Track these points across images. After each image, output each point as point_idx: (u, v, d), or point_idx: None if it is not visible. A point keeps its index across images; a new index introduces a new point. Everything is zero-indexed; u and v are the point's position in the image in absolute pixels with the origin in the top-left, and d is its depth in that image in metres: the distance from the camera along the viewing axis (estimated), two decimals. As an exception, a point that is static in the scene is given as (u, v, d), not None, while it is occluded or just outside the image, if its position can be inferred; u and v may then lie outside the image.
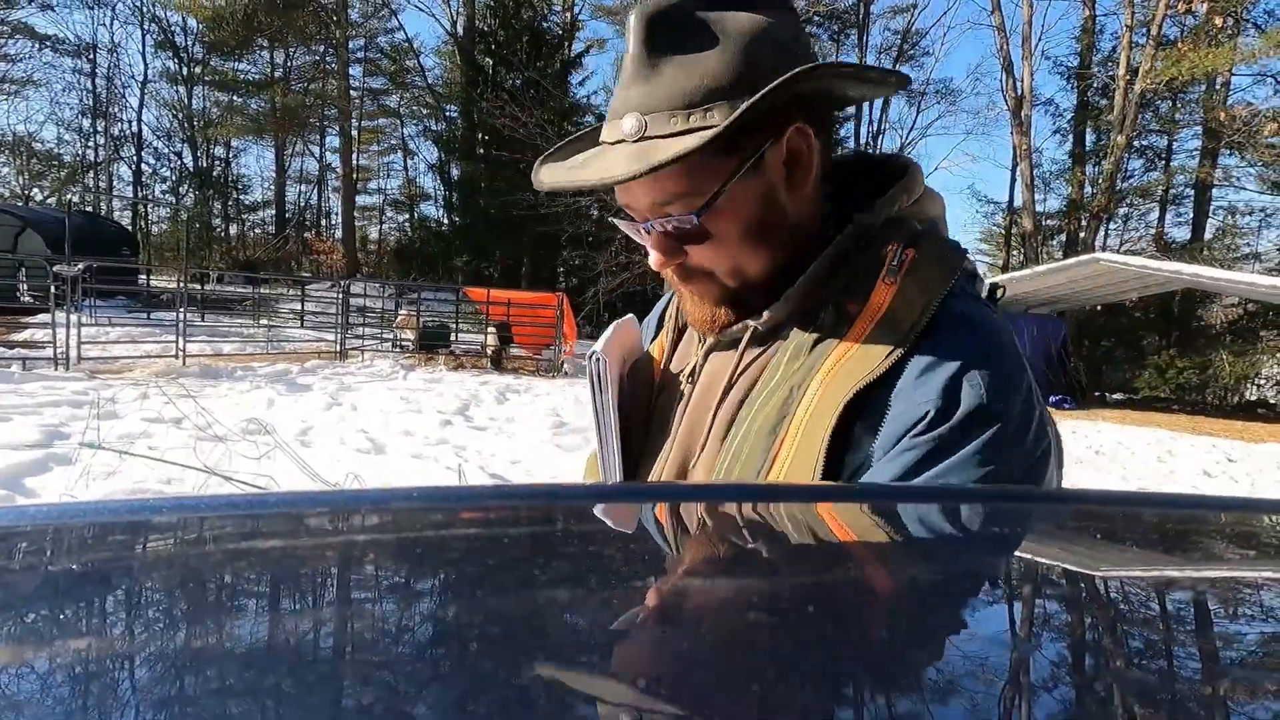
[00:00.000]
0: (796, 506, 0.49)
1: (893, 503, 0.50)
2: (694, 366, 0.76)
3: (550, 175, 0.73)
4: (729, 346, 0.74)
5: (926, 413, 0.58)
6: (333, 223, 33.93)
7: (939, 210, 0.75)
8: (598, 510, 0.46)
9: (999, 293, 0.73)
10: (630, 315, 0.89)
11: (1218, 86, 20.77)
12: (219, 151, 31.33)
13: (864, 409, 0.60)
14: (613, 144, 0.67)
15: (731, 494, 0.53)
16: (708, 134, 0.61)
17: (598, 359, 0.77)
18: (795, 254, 0.69)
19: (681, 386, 0.77)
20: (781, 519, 0.46)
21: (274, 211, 31.97)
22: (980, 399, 0.58)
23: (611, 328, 0.83)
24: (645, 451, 0.78)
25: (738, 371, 0.71)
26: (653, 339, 0.89)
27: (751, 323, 0.70)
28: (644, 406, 0.81)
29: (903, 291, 0.63)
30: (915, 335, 0.60)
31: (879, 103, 28.54)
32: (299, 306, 16.75)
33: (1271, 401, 16.32)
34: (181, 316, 10.12)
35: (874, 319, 0.62)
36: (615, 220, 0.74)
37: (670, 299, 0.91)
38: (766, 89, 0.61)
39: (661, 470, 0.75)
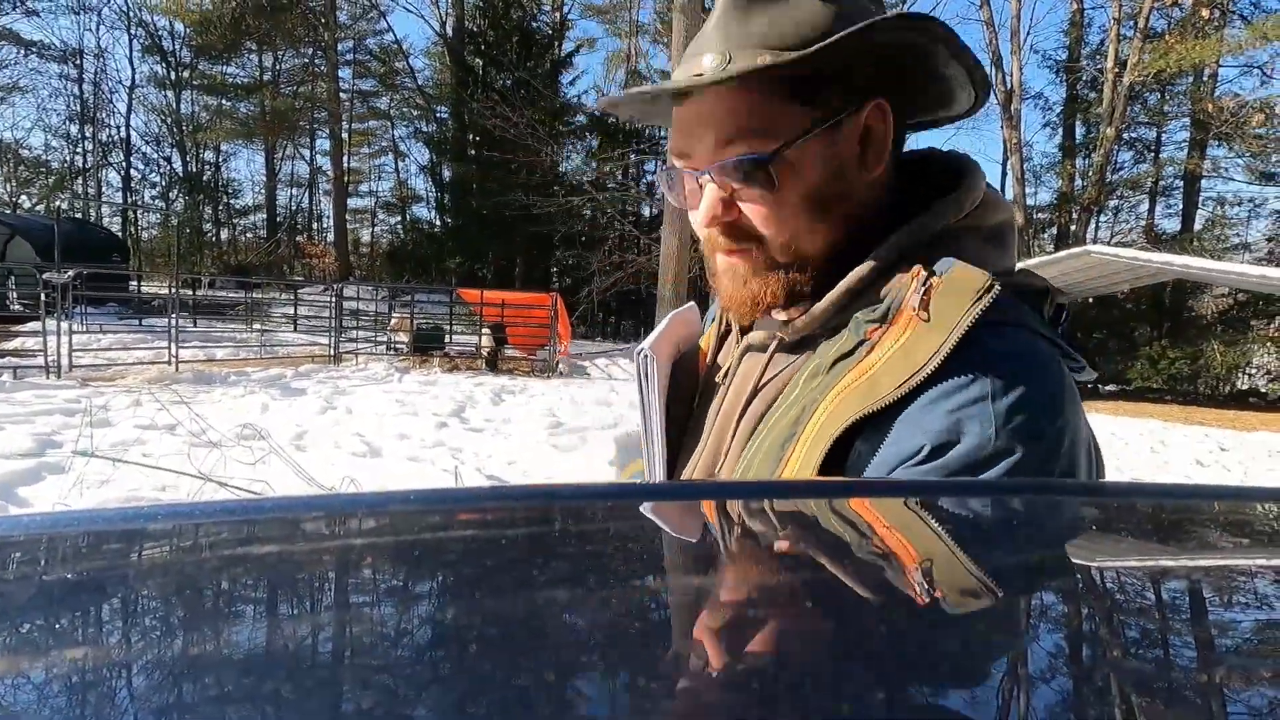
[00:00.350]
0: (803, 503, 0.49)
1: (889, 499, 0.50)
2: (729, 367, 0.74)
3: (616, 101, 0.72)
4: (763, 349, 0.70)
5: (922, 446, 0.54)
6: (324, 226, 33.82)
7: (1003, 217, 0.68)
8: (596, 510, 0.46)
9: (1064, 314, 0.66)
10: (691, 304, 0.87)
11: (1205, 78, 20.89)
12: (209, 156, 31.20)
13: (869, 434, 0.57)
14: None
15: (728, 492, 0.53)
16: (797, 53, 0.59)
17: (646, 356, 0.75)
18: (850, 244, 0.65)
19: (718, 387, 0.75)
20: (785, 517, 0.46)
21: (265, 215, 31.86)
22: (987, 436, 0.53)
23: (667, 319, 0.81)
24: (682, 450, 0.76)
25: (763, 380, 0.68)
26: (704, 332, 0.85)
27: (780, 333, 0.68)
28: (687, 402, 0.78)
29: (924, 322, 0.57)
30: (931, 369, 0.55)
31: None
32: (292, 310, 16.69)
33: (1263, 390, 16.44)
34: (173, 322, 10.07)
35: (892, 347, 0.58)
36: (658, 181, 0.73)
37: None
38: (861, 24, 0.59)
39: (692, 471, 0.73)
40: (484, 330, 13.21)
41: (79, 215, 26.14)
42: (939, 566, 0.38)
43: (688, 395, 0.79)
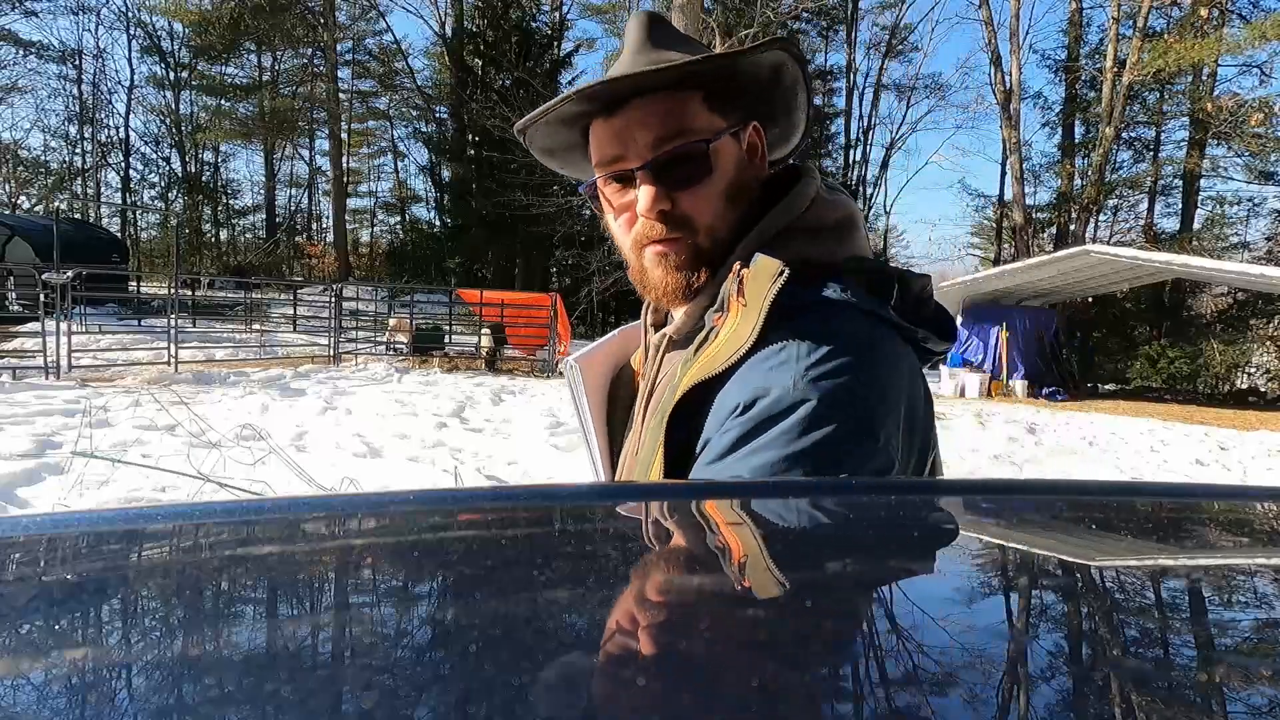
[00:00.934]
0: (783, 502, 0.49)
1: (883, 497, 0.50)
2: (648, 370, 0.82)
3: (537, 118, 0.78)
4: (671, 349, 0.79)
5: (738, 403, 0.63)
6: (324, 226, 33.86)
7: (840, 214, 0.77)
8: (595, 510, 0.46)
9: (904, 287, 0.72)
10: (638, 322, 0.93)
11: (1204, 77, 20.90)
12: (208, 156, 31.21)
13: (708, 399, 0.66)
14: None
15: (721, 491, 0.53)
16: (722, 52, 0.71)
17: (570, 365, 0.85)
18: (742, 235, 0.75)
19: (642, 390, 0.84)
20: (763, 515, 0.46)
21: (264, 216, 31.85)
22: (785, 388, 0.62)
23: (611, 334, 0.90)
24: (623, 453, 0.85)
25: (659, 375, 0.78)
26: None
27: (668, 331, 0.78)
28: (628, 409, 0.87)
29: (743, 306, 0.68)
30: (752, 340, 0.65)
31: (869, 99, 28.61)
32: (291, 311, 16.68)
33: (1262, 389, 16.44)
34: (173, 323, 10.07)
35: (728, 330, 0.68)
36: (597, 184, 0.78)
37: None
38: (760, 44, 0.72)
39: (622, 469, 0.82)
40: (484, 330, 13.20)
41: (78, 216, 26.15)
42: (940, 564, 0.38)
43: (629, 403, 0.87)
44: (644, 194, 0.73)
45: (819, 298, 0.68)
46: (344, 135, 28.38)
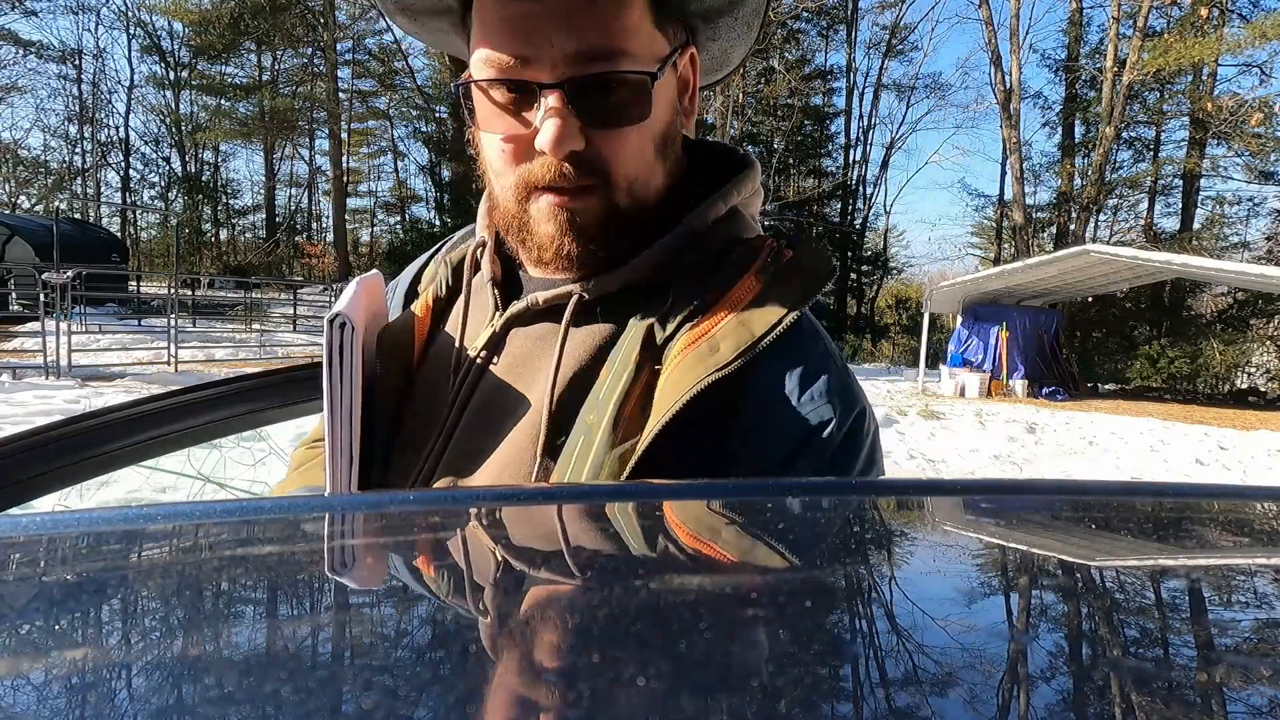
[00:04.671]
0: (786, 501, 0.49)
1: (883, 497, 0.50)
2: (489, 340, 0.62)
3: None
4: (539, 319, 0.61)
5: (826, 419, 0.55)
6: (324, 226, 33.83)
7: (758, 207, 0.69)
8: (595, 510, 0.46)
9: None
10: (375, 271, 0.73)
11: (1204, 77, 20.90)
12: (208, 156, 31.19)
13: (707, 402, 0.53)
14: None
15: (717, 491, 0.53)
16: None
17: (343, 323, 0.60)
18: (667, 198, 0.60)
19: (465, 365, 0.62)
20: (763, 514, 0.46)
21: (264, 215, 31.86)
22: (859, 405, 0.58)
23: (354, 284, 0.67)
24: (402, 445, 0.63)
25: (563, 349, 0.58)
26: (404, 308, 0.72)
27: (582, 292, 0.58)
28: (399, 388, 0.65)
29: (767, 291, 0.56)
30: (772, 339, 0.54)
31: (869, 98, 28.59)
32: (291, 311, 16.67)
33: (1262, 389, 16.43)
34: (172, 322, 10.07)
35: (733, 311, 0.55)
36: (472, 85, 0.56)
37: (431, 258, 0.75)
38: None
39: (435, 467, 0.60)
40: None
41: (78, 216, 26.12)
42: (939, 563, 0.38)
43: (396, 378, 0.65)
44: (551, 125, 0.53)
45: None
46: (344, 135, 28.36)
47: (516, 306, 0.62)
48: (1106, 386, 16.79)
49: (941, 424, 9.01)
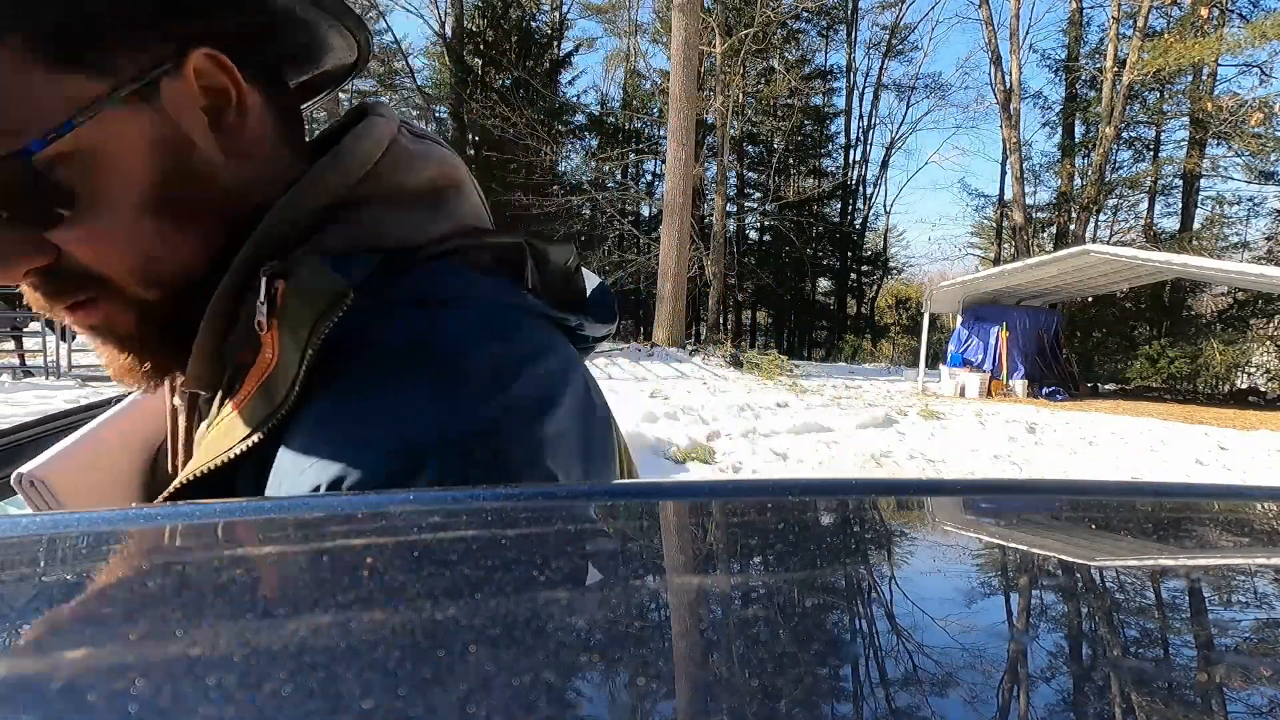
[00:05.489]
0: (785, 502, 0.49)
1: (882, 496, 0.50)
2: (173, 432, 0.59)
3: None
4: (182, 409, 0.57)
5: (319, 483, 0.44)
6: (324, 226, 33.73)
7: (429, 174, 0.53)
8: (596, 510, 0.46)
9: (541, 261, 0.53)
10: (132, 397, 0.67)
11: (1204, 77, 20.91)
12: (208, 156, 31.15)
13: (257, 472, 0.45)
14: None
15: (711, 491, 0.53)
16: None
17: (32, 483, 0.56)
18: (234, 248, 0.48)
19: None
20: (762, 514, 0.46)
21: (264, 216, 31.81)
22: (405, 444, 0.43)
23: (90, 427, 0.62)
24: None
25: (179, 441, 0.55)
26: None
27: (181, 376, 0.51)
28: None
29: (283, 334, 0.44)
30: (298, 388, 0.43)
31: (869, 98, 28.54)
32: (291, 311, 16.64)
33: (1262, 389, 16.44)
34: (173, 323, 10.05)
35: (263, 373, 0.45)
36: None
37: None
38: None
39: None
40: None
41: (78, 216, 26.09)
42: (941, 563, 0.38)
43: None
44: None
45: (420, 297, 0.47)
46: (344, 135, 28.31)
47: (177, 404, 0.59)
48: (1106, 386, 16.79)
49: (941, 424, 9.02)
